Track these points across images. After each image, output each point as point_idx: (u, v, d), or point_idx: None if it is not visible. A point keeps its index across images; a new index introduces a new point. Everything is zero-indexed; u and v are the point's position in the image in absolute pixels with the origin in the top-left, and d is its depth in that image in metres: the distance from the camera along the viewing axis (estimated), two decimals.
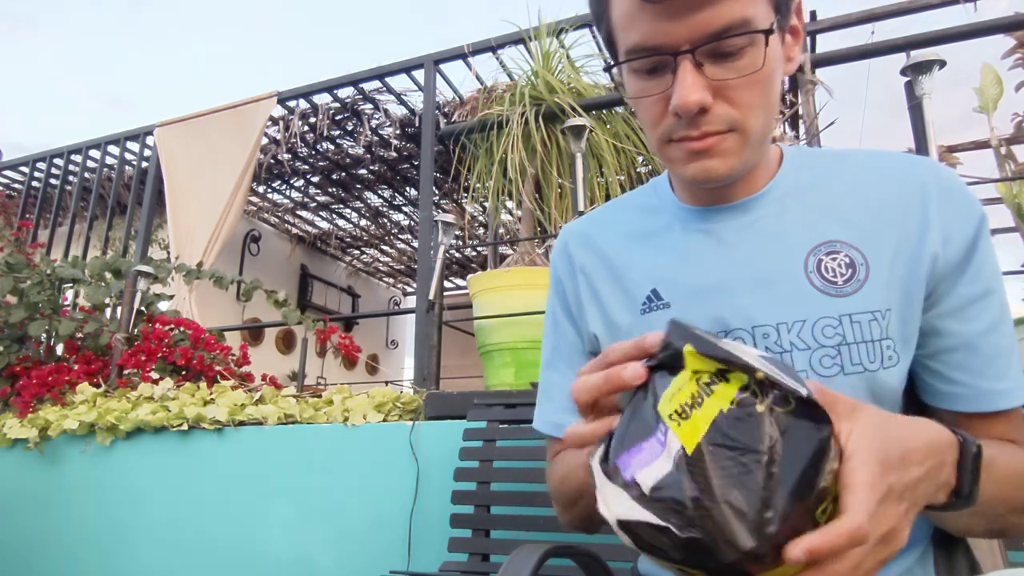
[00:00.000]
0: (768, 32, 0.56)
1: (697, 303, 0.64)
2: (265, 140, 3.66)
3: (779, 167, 0.68)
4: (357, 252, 6.23)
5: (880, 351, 0.59)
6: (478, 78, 2.92)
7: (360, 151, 3.99)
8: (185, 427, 1.97)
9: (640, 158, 2.62)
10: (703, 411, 0.37)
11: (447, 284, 6.42)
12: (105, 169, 3.94)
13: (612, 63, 0.63)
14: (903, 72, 1.83)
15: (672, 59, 0.56)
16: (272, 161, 3.96)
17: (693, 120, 0.57)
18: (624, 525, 0.37)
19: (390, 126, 3.53)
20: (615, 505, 0.37)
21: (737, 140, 0.58)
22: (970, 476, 0.47)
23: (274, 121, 3.56)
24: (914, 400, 0.65)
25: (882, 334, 0.59)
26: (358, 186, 4.60)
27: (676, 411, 0.38)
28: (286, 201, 5.04)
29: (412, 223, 5.28)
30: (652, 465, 0.37)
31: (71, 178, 4.08)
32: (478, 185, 2.71)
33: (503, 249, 4.11)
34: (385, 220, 5.32)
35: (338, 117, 3.54)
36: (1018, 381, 0.60)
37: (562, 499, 0.72)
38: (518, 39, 2.67)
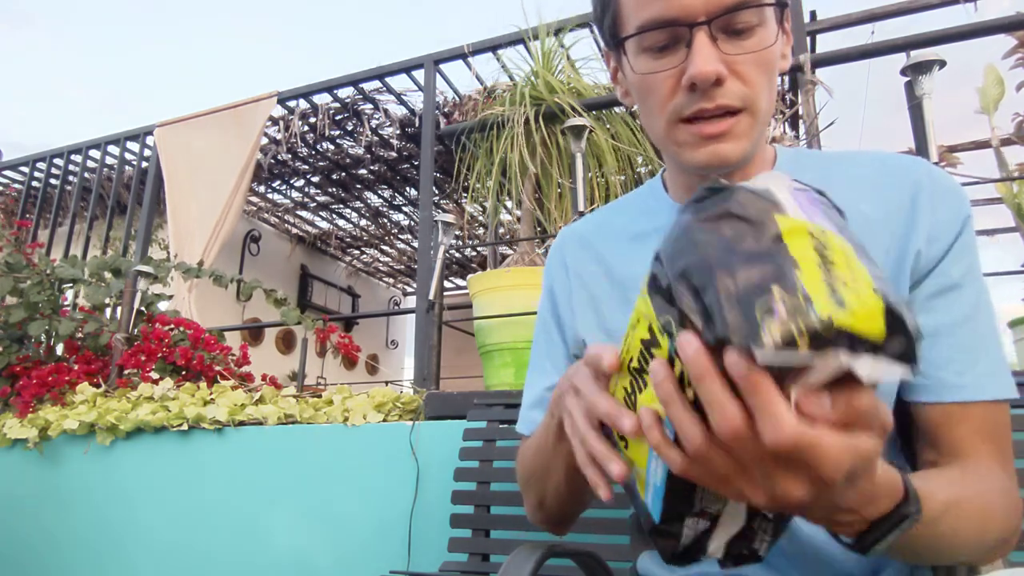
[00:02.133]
0: (783, 6, 0.58)
1: None
2: (265, 140, 3.66)
3: (774, 168, 0.68)
4: (357, 252, 6.23)
5: None
6: (478, 78, 2.92)
7: (360, 151, 3.99)
8: (185, 427, 1.97)
9: (640, 158, 2.61)
10: None
11: (447, 284, 6.42)
12: (105, 169, 3.93)
13: (623, 38, 0.61)
14: (903, 72, 1.82)
15: (688, 31, 0.56)
16: (272, 161, 3.96)
17: (708, 93, 0.57)
18: None
19: (390, 126, 3.53)
20: None
21: (748, 122, 0.59)
22: (882, 534, 0.43)
23: (274, 121, 3.55)
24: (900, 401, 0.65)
25: None
26: (358, 186, 4.60)
27: None
28: (286, 201, 5.04)
29: (412, 223, 5.28)
30: None
31: (71, 178, 4.07)
32: (478, 185, 2.71)
33: (503, 249, 4.11)
34: (385, 220, 5.31)
35: (338, 117, 3.54)
36: (985, 378, 0.59)
37: (523, 488, 0.74)
38: (518, 39, 2.67)
